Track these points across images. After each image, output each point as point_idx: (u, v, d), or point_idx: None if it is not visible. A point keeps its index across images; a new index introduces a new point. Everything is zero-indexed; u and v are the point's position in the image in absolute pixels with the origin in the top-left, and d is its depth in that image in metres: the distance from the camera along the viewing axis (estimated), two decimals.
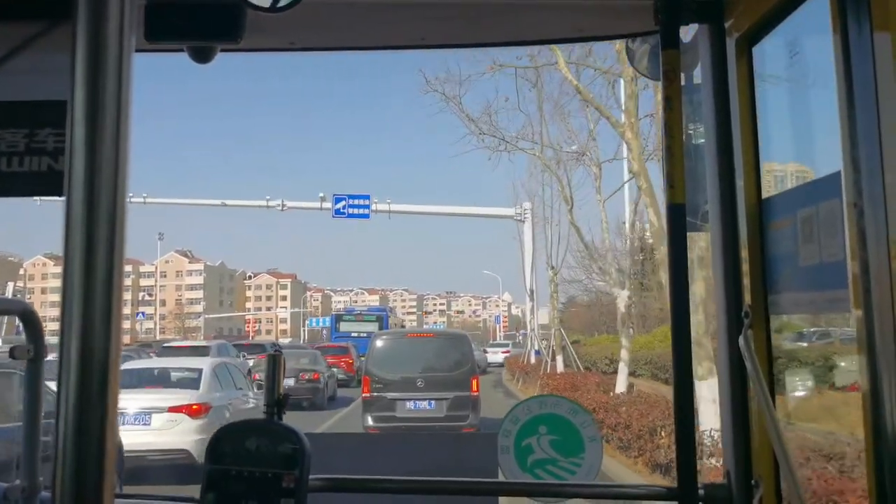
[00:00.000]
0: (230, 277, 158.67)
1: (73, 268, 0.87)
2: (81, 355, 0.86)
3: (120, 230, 0.89)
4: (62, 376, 0.86)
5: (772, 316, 1.71)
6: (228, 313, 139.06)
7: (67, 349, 0.86)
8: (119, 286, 0.89)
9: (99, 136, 0.88)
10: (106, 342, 0.86)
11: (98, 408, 0.86)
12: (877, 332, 1.20)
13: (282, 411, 1.84)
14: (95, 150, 0.88)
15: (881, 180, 1.18)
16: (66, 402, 0.85)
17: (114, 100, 0.89)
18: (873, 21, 1.21)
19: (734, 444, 1.79)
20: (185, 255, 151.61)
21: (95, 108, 0.88)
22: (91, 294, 0.86)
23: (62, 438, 0.85)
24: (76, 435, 0.85)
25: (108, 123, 0.89)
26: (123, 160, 0.90)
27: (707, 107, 1.84)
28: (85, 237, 0.87)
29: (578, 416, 2.03)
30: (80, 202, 0.87)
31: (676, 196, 1.79)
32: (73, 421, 0.85)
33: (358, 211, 37.03)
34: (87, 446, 0.85)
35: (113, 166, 0.89)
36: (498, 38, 2.12)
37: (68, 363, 0.86)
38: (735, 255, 1.78)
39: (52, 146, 1.81)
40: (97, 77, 0.88)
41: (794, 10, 1.58)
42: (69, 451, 0.85)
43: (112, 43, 0.89)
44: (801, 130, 1.87)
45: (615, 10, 1.92)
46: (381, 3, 1.89)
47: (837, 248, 1.41)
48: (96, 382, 0.86)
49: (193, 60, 1.85)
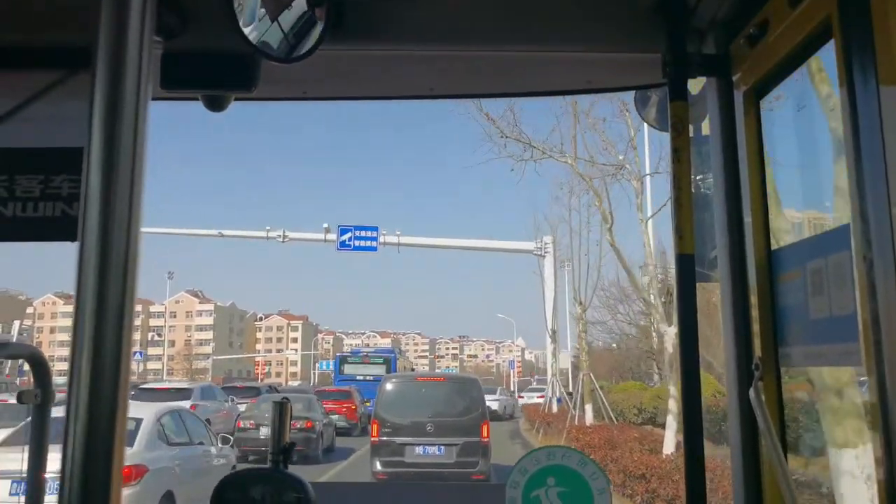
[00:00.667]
0: (240, 318, 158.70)
1: (84, 312, 0.88)
2: (90, 398, 0.86)
3: (132, 276, 0.90)
4: (70, 419, 0.87)
5: (782, 368, 1.71)
6: (238, 354, 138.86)
7: (76, 392, 0.87)
8: (129, 332, 0.90)
9: (114, 182, 0.90)
10: (114, 385, 0.87)
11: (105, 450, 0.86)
12: (888, 386, 1.19)
13: (287, 459, 1.83)
14: (110, 196, 0.90)
15: (890, 232, 1.19)
16: (73, 443, 0.86)
17: (129, 147, 0.91)
18: (879, 73, 1.23)
19: (745, 497, 1.77)
20: (196, 295, 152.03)
21: (112, 154, 0.90)
22: (102, 338, 0.88)
23: (69, 480, 0.85)
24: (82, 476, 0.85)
25: (124, 170, 0.91)
26: (137, 207, 0.92)
27: (715, 158, 1.86)
28: (98, 282, 0.88)
29: (587, 467, 2.02)
30: (93, 247, 0.89)
31: (686, 247, 1.80)
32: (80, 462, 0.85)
33: (365, 243, 35.45)
34: (94, 490, 0.85)
35: (127, 213, 0.91)
36: (508, 89, 2.17)
37: (76, 406, 0.86)
38: (745, 307, 1.78)
39: (66, 192, 1.84)
40: (114, 124, 0.91)
41: (801, 63, 1.61)
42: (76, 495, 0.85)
43: (129, 92, 0.92)
44: (809, 183, 1.90)
45: (624, 63, 1.96)
46: (391, 55, 1.93)
47: (847, 301, 1.41)
48: (105, 424, 0.86)
49: (208, 109, 1.90)
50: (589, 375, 26.22)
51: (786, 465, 1.61)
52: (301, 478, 1.79)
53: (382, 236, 35.88)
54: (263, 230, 37.70)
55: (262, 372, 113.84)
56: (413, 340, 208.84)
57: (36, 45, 1.80)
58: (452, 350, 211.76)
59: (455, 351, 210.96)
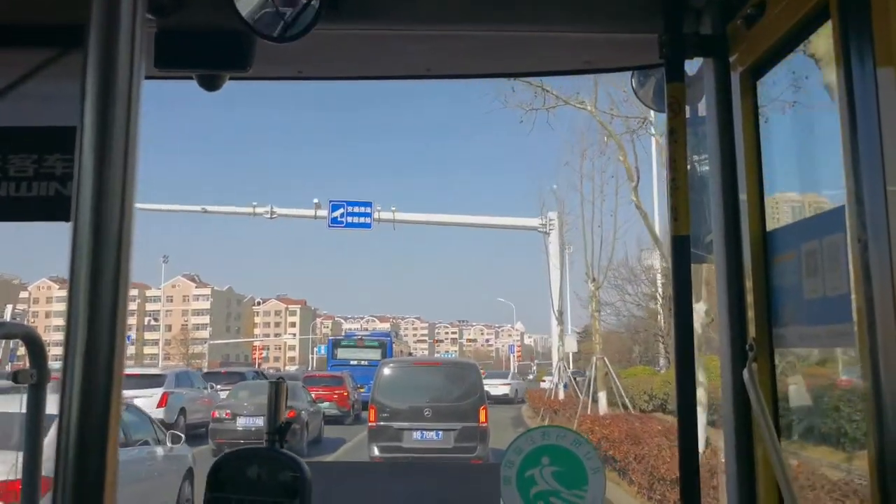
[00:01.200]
0: (238, 303, 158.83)
1: (78, 293, 0.88)
2: (84, 381, 0.87)
3: (126, 256, 0.90)
4: (64, 401, 0.87)
5: (776, 349, 1.73)
6: (235, 339, 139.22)
7: (70, 375, 0.87)
8: (123, 313, 0.90)
9: (107, 162, 0.90)
10: (109, 366, 0.87)
11: (99, 434, 0.87)
12: (881, 367, 1.21)
13: (283, 439, 1.84)
14: (104, 176, 0.90)
15: (885, 214, 1.20)
16: (68, 427, 0.86)
17: (122, 126, 0.91)
18: (876, 55, 1.23)
19: (738, 478, 1.79)
20: (193, 279, 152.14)
21: (105, 134, 0.90)
22: (96, 320, 0.88)
23: (63, 464, 0.86)
24: (77, 461, 0.86)
25: (117, 149, 0.90)
26: (131, 187, 0.92)
27: (711, 139, 1.87)
28: (91, 263, 0.88)
29: (582, 447, 2.05)
30: (87, 228, 0.89)
31: (681, 228, 1.81)
32: (75, 446, 0.86)
33: (358, 220, 33.57)
34: (88, 471, 0.86)
35: (120, 193, 0.90)
36: (505, 69, 2.18)
37: (70, 388, 0.87)
38: (739, 288, 1.80)
39: (60, 171, 1.84)
40: (107, 103, 0.91)
41: (798, 44, 1.62)
42: (69, 479, 0.85)
43: (122, 70, 0.92)
44: (805, 163, 1.92)
45: (621, 43, 1.97)
46: (387, 35, 1.93)
47: (841, 282, 1.42)
48: (99, 406, 0.87)
49: (202, 88, 1.89)
50: (603, 359, 23.04)
51: (779, 444, 1.62)
52: (297, 457, 1.81)
53: (377, 212, 34.10)
54: (250, 206, 35.85)
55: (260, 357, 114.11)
56: (412, 325, 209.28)
57: (28, 24, 1.79)
58: (451, 334, 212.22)
59: (454, 335, 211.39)
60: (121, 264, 0.90)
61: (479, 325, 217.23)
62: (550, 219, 31.41)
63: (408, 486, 2.30)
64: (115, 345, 0.88)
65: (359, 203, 34.18)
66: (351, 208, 33.75)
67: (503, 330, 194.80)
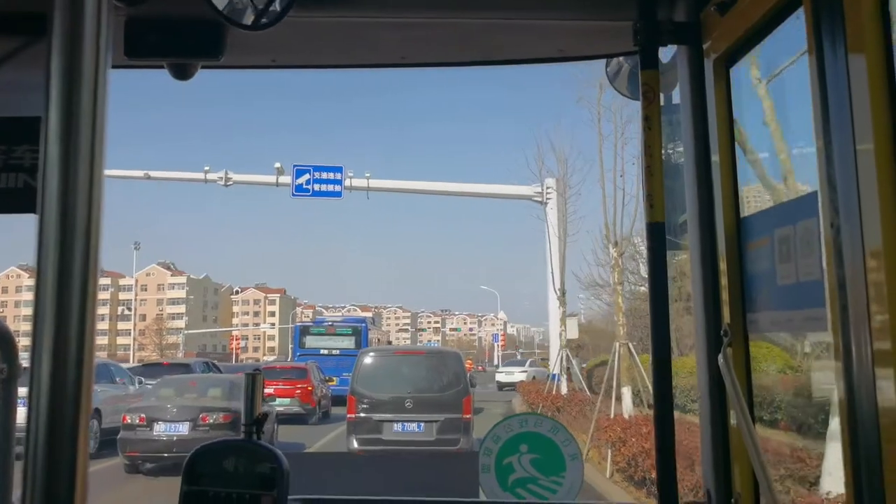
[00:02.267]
0: (215, 291, 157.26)
1: (45, 284, 0.87)
2: (53, 373, 0.86)
3: (95, 247, 0.90)
4: (32, 394, 0.87)
5: (750, 335, 1.76)
6: (212, 329, 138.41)
7: (39, 367, 0.87)
8: (93, 303, 0.89)
9: (73, 152, 0.89)
10: (79, 359, 0.87)
11: (69, 425, 0.86)
12: (853, 351, 1.24)
13: (260, 430, 1.84)
14: (70, 166, 0.89)
15: (857, 199, 1.22)
16: (37, 420, 0.86)
17: (89, 116, 0.90)
18: (848, 43, 1.26)
19: (714, 461, 1.83)
20: (168, 267, 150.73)
21: (70, 124, 0.89)
22: (64, 311, 0.87)
23: (32, 456, 0.86)
24: (46, 452, 0.86)
25: (83, 140, 0.90)
26: (98, 176, 0.91)
27: (686, 126, 1.90)
28: (59, 254, 0.88)
29: (559, 434, 2.10)
30: (53, 219, 0.88)
31: (656, 215, 1.84)
32: (44, 437, 0.86)
33: (327, 188, 29.80)
34: (58, 464, 0.86)
35: (87, 183, 0.90)
36: (479, 57, 2.20)
37: (39, 382, 0.86)
38: (714, 274, 1.83)
39: (28, 163, 1.84)
40: (72, 93, 0.90)
41: (770, 32, 1.64)
42: (39, 470, 0.86)
43: (88, 59, 0.91)
44: (777, 150, 1.97)
45: (596, 31, 1.99)
46: (362, 22, 1.93)
47: (814, 268, 1.45)
48: (68, 400, 0.87)
49: (173, 77, 1.88)
50: (628, 346, 17.89)
51: (753, 428, 1.66)
52: (275, 449, 1.81)
53: (348, 179, 30.33)
54: (201, 172, 32.08)
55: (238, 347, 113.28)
56: (395, 314, 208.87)
57: None
58: (434, 323, 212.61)
59: (437, 324, 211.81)
60: (89, 255, 0.89)
61: (461, 315, 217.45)
62: (548, 186, 27.75)
63: (387, 476, 2.34)
64: (84, 336, 0.88)
65: (327, 168, 30.22)
66: (318, 174, 29.88)
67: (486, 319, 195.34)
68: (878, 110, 1.19)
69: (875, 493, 1.20)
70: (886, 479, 1.18)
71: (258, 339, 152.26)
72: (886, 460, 1.18)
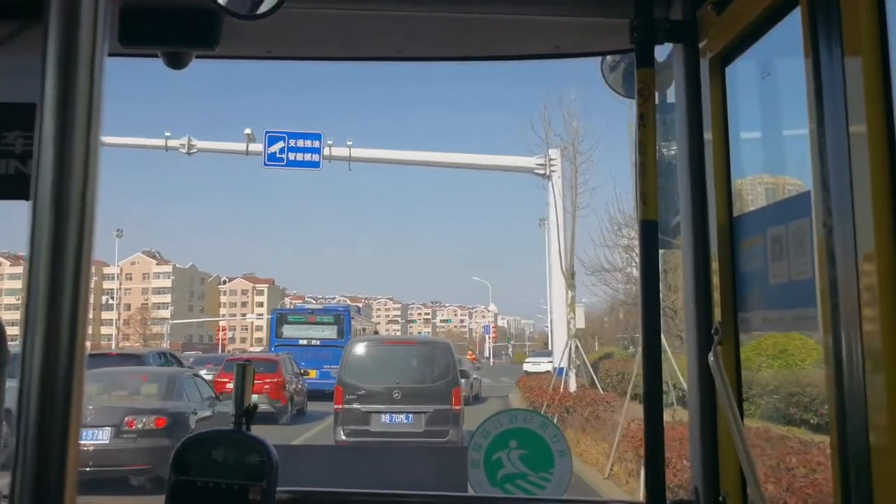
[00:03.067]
0: (202, 281, 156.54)
1: (38, 272, 0.88)
2: (44, 362, 0.87)
3: (88, 236, 0.90)
4: (24, 383, 0.87)
5: (741, 333, 1.79)
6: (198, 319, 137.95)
7: (30, 355, 0.87)
8: (86, 291, 0.90)
9: (68, 139, 0.89)
10: (71, 348, 0.88)
11: (60, 412, 0.87)
12: (844, 350, 1.26)
13: (250, 422, 1.87)
14: (65, 153, 0.89)
15: (850, 200, 1.24)
16: (28, 407, 0.86)
17: (84, 104, 0.90)
18: (844, 43, 1.27)
19: (702, 459, 1.86)
20: (153, 256, 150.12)
21: (66, 111, 0.89)
22: (57, 299, 0.87)
23: (22, 442, 0.86)
24: (37, 442, 0.86)
25: (79, 127, 0.90)
26: (94, 164, 0.91)
27: (680, 125, 1.92)
28: (52, 241, 0.88)
29: (549, 430, 2.13)
30: (47, 206, 0.88)
31: (649, 213, 1.86)
32: (34, 424, 0.86)
33: (303, 157, 26.93)
34: (48, 451, 0.86)
35: (82, 170, 0.90)
36: (475, 52, 2.22)
37: (30, 369, 0.87)
38: (706, 272, 1.86)
39: (20, 149, 1.83)
40: (68, 80, 0.90)
41: (766, 31, 1.66)
42: (29, 460, 0.86)
43: (84, 46, 0.91)
44: (772, 150, 2.00)
45: (592, 28, 2.01)
46: (358, 15, 1.94)
47: (806, 267, 1.48)
48: (59, 388, 0.87)
49: (168, 66, 1.89)
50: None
51: (742, 427, 1.68)
52: (263, 439, 1.83)
53: (328, 148, 27.22)
54: (161, 137, 29.14)
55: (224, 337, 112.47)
56: (385, 305, 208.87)
57: None
58: (425, 315, 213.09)
59: (427, 316, 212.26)
60: (83, 243, 0.89)
61: (452, 307, 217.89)
62: (552, 157, 24.80)
63: (375, 469, 2.36)
64: (76, 325, 0.88)
65: (304, 135, 27.23)
66: (294, 142, 26.95)
67: (477, 311, 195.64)
68: (873, 111, 1.21)
69: (863, 488, 1.23)
70: (874, 475, 1.21)
71: (245, 330, 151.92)
72: (875, 458, 1.21)
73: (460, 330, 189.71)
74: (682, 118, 1.92)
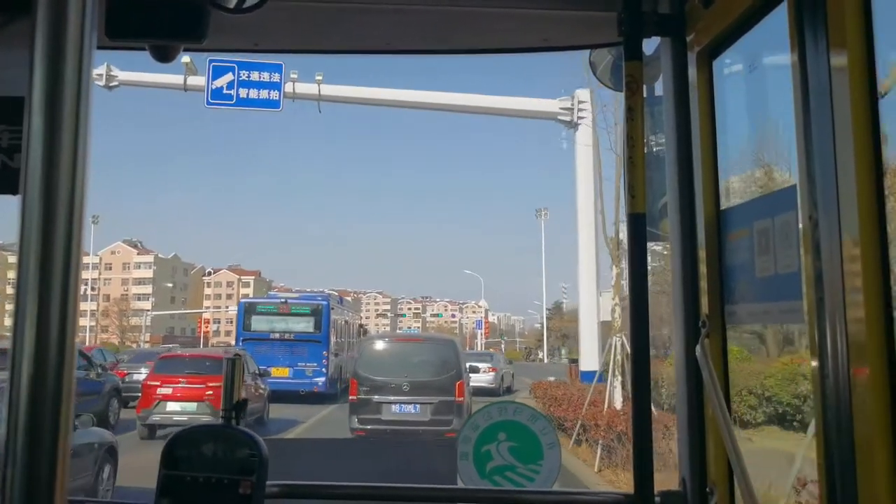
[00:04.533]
0: (185, 272, 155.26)
1: (28, 266, 0.90)
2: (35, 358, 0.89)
3: (77, 229, 0.92)
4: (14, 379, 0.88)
5: (728, 326, 1.84)
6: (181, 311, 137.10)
7: (20, 349, 0.89)
8: (76, 285, 0.92)
9: (57, 134, 0.91)
10: (61, 342, 0.90)
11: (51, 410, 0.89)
12: (828, 344, 1.30)
13: (239, 416, 1.90)
14: (53, 147, 0.91)
15: (835, 192, 1.28)
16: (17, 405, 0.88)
17: (73, 97, 0.92)
18: (829, 38, 1.31)
19: (690, 451, 1.91)
20: (135, 245, 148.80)
21: (54, 105, 0.91)
22: (47, 293, 0.89)
23: (13, 439, 0.88)
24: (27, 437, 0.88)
25: (67, 121, 0.91)
26: (83, 157, 0.93)
27: (668, 118, 1.96)
28: (41, 236, 0.90)
29: (538, 422, 2.20)
30: (36, 200, 0.90)
31: (637, 205, 1.91)
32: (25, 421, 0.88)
33: (258, 94, 23.56)
34: (39, 450, 0.88)
35: (71, 164, 0.91)
36: (464, 45, 2.27)
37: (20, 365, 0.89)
38: (693, 265, 1.90)
39: (6, 143, 1.86)
40: (56, 73, 0.91)
41: (754, 25, 1.70)
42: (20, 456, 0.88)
43: (72, 39, 0.92)
44: (759, 143, 2.06)
45: (580, 21, 2.05)
46: (346, 8, 1.98)
47: (792, 260, 1.52)
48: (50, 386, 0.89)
49: (155, 59, 1.91)
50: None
51: (729, 419, 1.73)
52: (253, 434, 1.87)
53: (290, 83, 23.88)
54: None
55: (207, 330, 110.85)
56: (374, 299, 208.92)
57: None
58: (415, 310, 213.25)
59: (417, 310, 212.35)
60: (72, 236, 0.91)
61: (442, 302, 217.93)
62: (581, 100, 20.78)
63: (364, 462, 2.42)
64: (67, 317, 0.90)
65: (260, 66, 23.39)
66: (246, 74, 23.33)
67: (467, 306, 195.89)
68: (857, 105, 1.25)
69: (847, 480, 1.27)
70: (858, 467, 1.25)
71: (230, 323, 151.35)
72: (859, 450, 1.25)
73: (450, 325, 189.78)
74: (670, 111, 1.97)
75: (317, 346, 28.90)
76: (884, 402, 1.21)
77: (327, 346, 29.22)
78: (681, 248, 1.95)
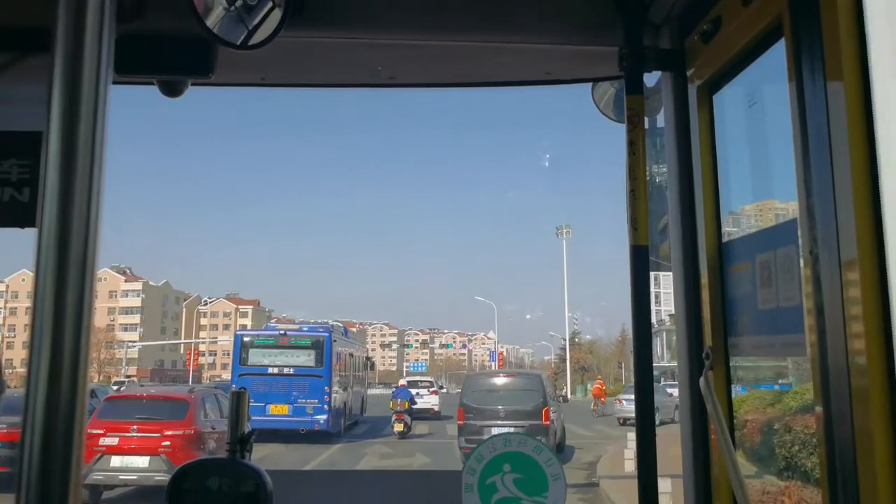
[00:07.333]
0: (176, 300, 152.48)
1: (43, 298, 0.95)
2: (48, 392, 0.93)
3: (91, 262, 0.97)
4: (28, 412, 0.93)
5: (732, 358, 1.90)
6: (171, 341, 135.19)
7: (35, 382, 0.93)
8: (89, 316, 0.97)
9: (73, 168, 0.97)
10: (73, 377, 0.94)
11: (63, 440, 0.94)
12: (831, 377, 1.35)
13: (244, 449, 1.96)
14: (70, 180, 0.96)
15: (835, 227, 1.34)
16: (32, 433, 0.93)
17: (89, 132, 0.98)
18: (826, 72, 1.38)
19: (695, 484, 1.98)
20: (123, 272, 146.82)
21: (71, 139, 0.97)
22: (61, 323, 0.94)
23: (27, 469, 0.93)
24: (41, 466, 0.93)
25: (83, 155, 0.97)
26: (97, 193, 0.99)
27: (669, 151, 2.05)
28: (56, 270, 0.95)
29: (542, 454, 2.27)
30: (52, 234, 0.95)
31: (640, 238, 1.99)
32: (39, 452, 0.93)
33: None
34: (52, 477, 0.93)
35: (86, 198, 0.97)
36: (467, 79, 2.38)
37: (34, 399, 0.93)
38: (696, 297, 1.98)
39: (16, 177, 1.93)
40: (74, 109, 0.98)
41: (753, 60, 1.79)
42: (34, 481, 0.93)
43: (89, 75, 0.99)
44: (760, 176, 2.17)
45: (582, 55, 2.16)
46: (351, 43, 2.08)
47: (794, 293, 1.58)
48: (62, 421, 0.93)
49: (163, 94, 2.01)
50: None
51: (734, 451, 1.78)
52: (258, 467, 1.92)
53: None
54: None
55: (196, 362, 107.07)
56: (380, 331, 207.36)
57: None
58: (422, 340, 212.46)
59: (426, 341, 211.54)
60: (86, 270, 0.96)
61: (451, 333, 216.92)
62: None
63: (369, 494, 2.51)
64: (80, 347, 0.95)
65: None
66: None
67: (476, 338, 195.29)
68: (855, 139, 1.30)
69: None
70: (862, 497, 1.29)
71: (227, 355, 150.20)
72: (862, 479, 1.29)
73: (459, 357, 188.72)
74: (672, 145, 2.05)
75: (318, 381, 28.49)
76: (887, 435, 1.24)
77: (329, 381, 28.72)
78: (683, 281, 2.03)
